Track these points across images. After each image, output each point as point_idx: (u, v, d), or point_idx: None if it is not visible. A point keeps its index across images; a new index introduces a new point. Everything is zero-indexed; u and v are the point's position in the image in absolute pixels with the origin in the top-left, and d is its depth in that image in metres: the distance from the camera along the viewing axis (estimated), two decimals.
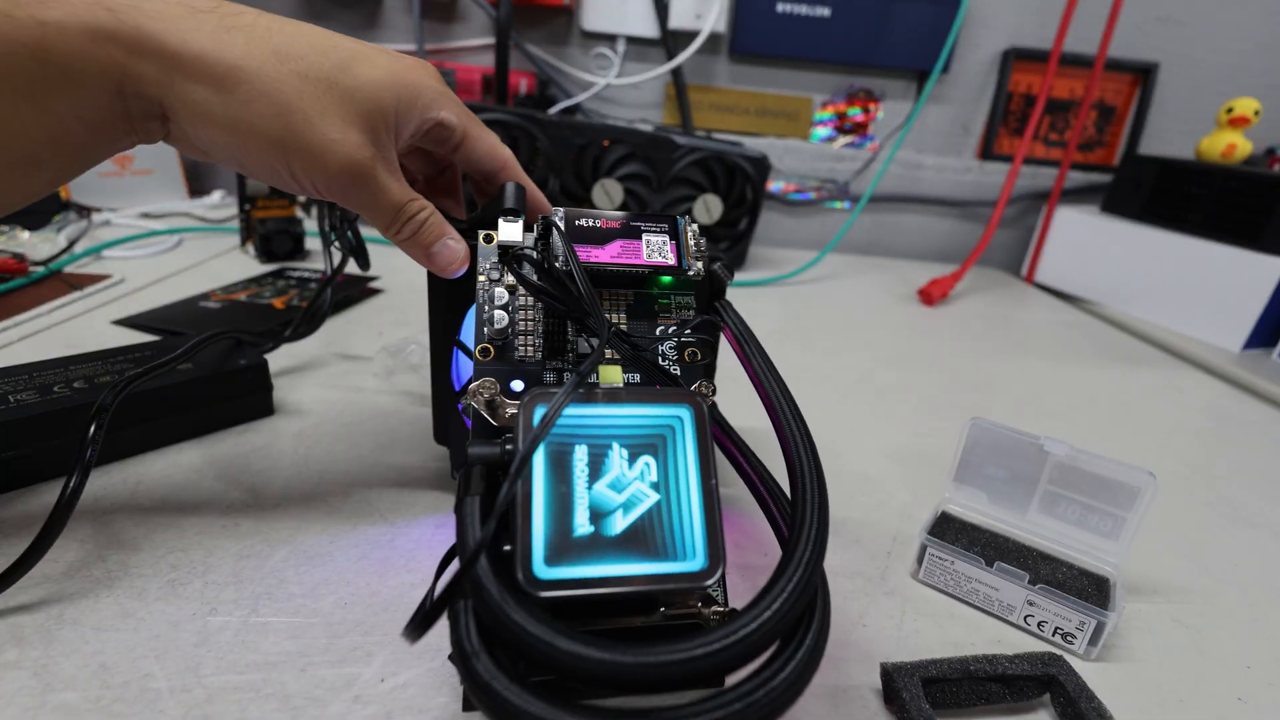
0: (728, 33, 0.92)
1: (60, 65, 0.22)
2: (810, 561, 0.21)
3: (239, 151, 0.26)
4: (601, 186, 0.76)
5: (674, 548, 0.21)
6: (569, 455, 0.22)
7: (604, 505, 0.21)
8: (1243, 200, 0.72)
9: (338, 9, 0.91)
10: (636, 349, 0.26)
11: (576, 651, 0.18)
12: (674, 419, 0.23)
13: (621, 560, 0.21)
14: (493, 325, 0.26)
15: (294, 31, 0.26)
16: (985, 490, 0.34)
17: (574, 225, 0.28)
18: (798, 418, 0.25)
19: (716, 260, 0.30)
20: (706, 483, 0.22)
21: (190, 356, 0.36)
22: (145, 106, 0.24)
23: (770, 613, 0.19)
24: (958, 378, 0.59)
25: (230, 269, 0.66)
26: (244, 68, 0.24)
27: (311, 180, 0.27)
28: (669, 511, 0.22)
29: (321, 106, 0.25)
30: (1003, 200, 0.88)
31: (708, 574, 0.21)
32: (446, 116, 0.29)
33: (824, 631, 0.21)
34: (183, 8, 0.24)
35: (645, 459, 0.22)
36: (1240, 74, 0.93)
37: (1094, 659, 0.29)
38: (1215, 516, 0.42)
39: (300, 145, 0.25)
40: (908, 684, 0.24)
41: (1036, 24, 0.92)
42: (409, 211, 0.28)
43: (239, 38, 0.24)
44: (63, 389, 0.33)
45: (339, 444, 0.39)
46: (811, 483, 0.23)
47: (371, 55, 0.28)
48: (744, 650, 0.19)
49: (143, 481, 0.34)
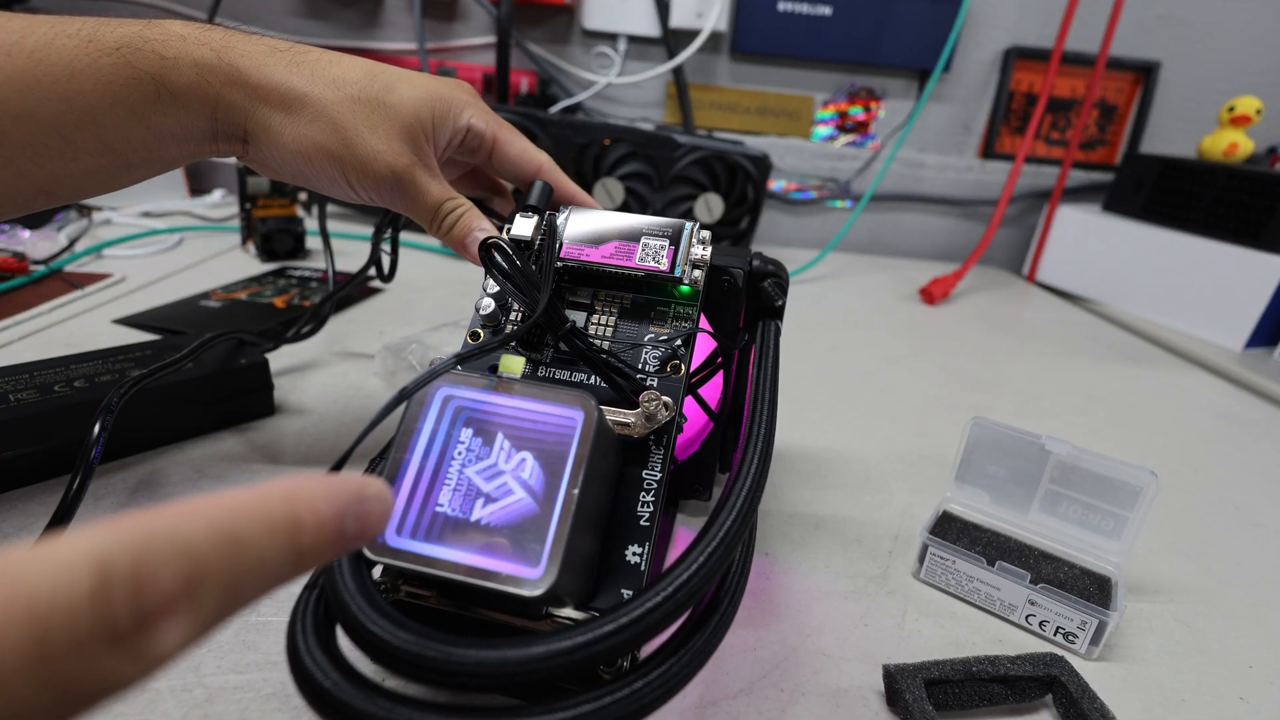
0: (729, 31, 0.91)
1: (172, 92, 0.27)
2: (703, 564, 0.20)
3: (304, 165, 0.30)
4: (602, 185, 0.76)
5: (521, 550, 0.20)
6: (456, 431, 0.22)
7: (471, 489, 0.21)
8: (1245, 199, 0.72)
9: (338, 8, 0.90)
10: (589, 350, 0.25)
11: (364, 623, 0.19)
12: (566, 422, 0.22)
13: (465, 548, 0.20)
14: (480, 311, 0.28)
15: (349, 63, 0.31)
16: (987, 490, 0.34)
17: (577, 223, 0.28)
18: (767, 425, 0.25)
19: (768, 277, 0.30)
20: (569, 491, 0.21)
21: (195, 356, 0.36)
22: (230, 129, 0.29)
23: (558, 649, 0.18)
24: (959, 377, 0.59)
25: (231, 268, 0.66)
26: (308, 94, 0.29)
27: (364, 186, 0.31)
28: (531, 512, 0.21)
29: (371, 123, 0.30)
30: (1004, 199, 0.87)
31: (537, 584, 0.19)
32: (475, 122, 0.33)
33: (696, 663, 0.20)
34: (265, 47, 0.29)
35: (524, 455, 0.22)
36: (1242, 72, 0.93)
37: (1096, 659, 0.29)
38: (1217, 516, 0.42)
39: (352, 156, 0.30)
40: (910, 685, 0.24)
41: (1038, 23, 0.92)
42: (446, 209, 0.32)
43: (305, 70, 0.29)
44: (63, 388, 0.33)
45: (340, 444, 0.39)
46: (746, 486, 0.22)
47: (413, 77, 0.32)
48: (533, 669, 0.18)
49: (143, 481, 0.34)
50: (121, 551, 0.10)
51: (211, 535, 0.11)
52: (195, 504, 0.11)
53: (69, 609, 0.09)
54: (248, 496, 0.12)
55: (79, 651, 0.09)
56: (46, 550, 0.10)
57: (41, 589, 0.09)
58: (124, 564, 0.10)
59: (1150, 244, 0.80)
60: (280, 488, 0.13)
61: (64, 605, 0.09)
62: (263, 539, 0.12)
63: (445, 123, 0.32)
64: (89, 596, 0.09)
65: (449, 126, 0.32)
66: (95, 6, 0.86)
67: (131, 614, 0.10)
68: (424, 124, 0.31)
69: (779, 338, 0.31)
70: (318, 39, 0.91)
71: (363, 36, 0.92)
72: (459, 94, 0.33)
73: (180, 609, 0.10)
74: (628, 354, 0.27)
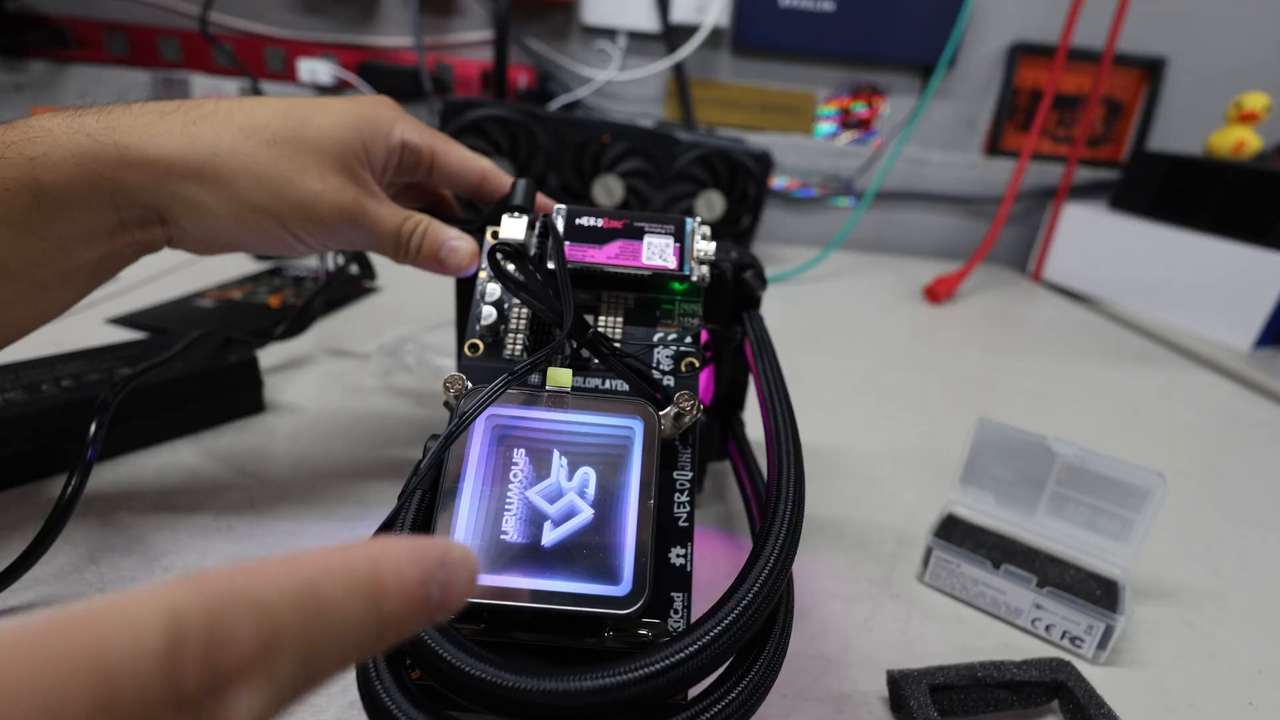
0: (730, 27, 0.91)
1: (52, 194, 0.23)
2: (763, 590, 0.19)
3: (240, 231, 0.27)
4: (602, 182, 0.76)
5: (601, 569, 0.20)
6: (509, 456, 0.21)
7: (536, 514, 0.20)
8: (1253, 197, 0.71)
9: (335, 5, 0.90)
10: (614, 354, 0.25)
11: (459, 665, 0.17)
12: (623, 430, 0.22)
13: (540, 574, 0.19)
14: (480, 321, 0.26)
15: (253, 106, 0.27)
16: (992, 491, 0.34)
17: (574, 224, 0.27)
18: (792, 437, 0.24)
19: (747, 269, 0.30)
20: (644, 504, 0.21)
21: (185, 355, 0.36)
22: (141, 214, 0.26)
23: (685, 655, 0.17)
24: (964, 377, 0.59)
25: (224, 267, 0.65)
26: (217, 151, 0.26)
27: (312, 235, 0.28)
28: (602, 530, 0.20)
29: (298, 165, 0.27)
30: (1009, 197, 0.87)
31: (629, 602, 0.19)
32: (409, 137, 0.31)
33: (779, 655, 0.19)
34: (151, 114, 0.25)
35: (585, 470, 0.21)
36: (1250, 69, 0.92)
37: (1102, 663, 0.28)
38: (1225, 518, 0.41)
39: (290, 207, 0.27)
40: (915, 692, 0.24)
41: (1043, 18, 0.91)
42: (406, 231, 0.30)
43: (205, 128, 0.26)
44: (50, 387, 0.33)
45: (335, 444, 0.38)
46: (788, 503, 0.21)
47: (327, 104, 0.29)
48: (660, 685, 0.17)
49: (135, 482, 0.34)
50: (197, 609, 0.09)
51: (292, 594, 0.10)
52: (275, 562, 0.11)
53: (138, 670, 0.09)
54: (330, 555, 0.11)
55: (144, 717, 0.09)
56: (119, 604, 0.09)
57: (111, 646, 0.08)
58: (199, 623, 0.09)
59: (1157, 242, 0.79)
60: (364, 548, 0.12)
61: (133, 666, 0.08)
62: (344, 601, 0.11)
63: (377, 144, 0.29)
64: (160, 657, 0.09)
65: (382, 147, 0.30)
66: (100, 3, 0.86)
67: (202, 677, 0.09)
68: (354, 150, 0.28)
69: (765, 326, 0.30)
70: (314, 35, 0.90)
71: (359, 32, 0.91)
72: (383, 111, 0.30)
73: (255, 676, 0.10)
74: (643, 355, 0.27)
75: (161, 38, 0.89)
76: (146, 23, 0.89)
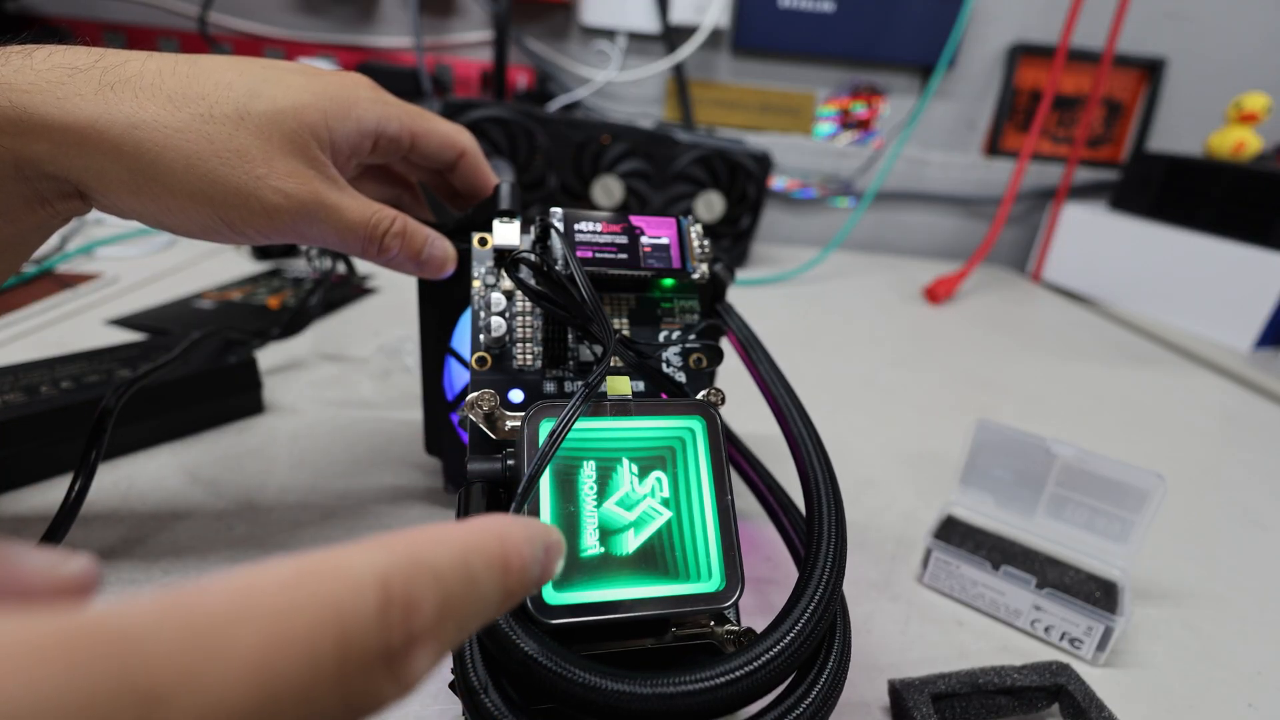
0: (730, 27, 0.91)
1: None
2: (830, 581, 0.20)
3: (164, 217, 0.23)
4: (601, 183, 0.76)
5: (688, 567, 0.20)
6: (576, 473, 0.21)
7: (613, 524, 0.20)
8: (1253, 197, 0.71)
9: (334, 5, 0.90)
10: (642, 356, 0.25)
11: (592, 684, 0.17)
12: (685, 431, 0.22)
13: (633, 582, 0.20)
14: (490, 333, 0.25)
15: (189, 71, 0.23)
16: (991, 493, 0.34)
17: (572, 227, 0.26)
18: (810, 429, 0.24)
19: (717, 260, 0.30)
20: (722, 498, 0.21)
21: (185, 356, 0.36)
22: (55, 186, 0.22)
23: (793, 635, 0.18)
24: (964, 378, 0.59)
25: (224, 268, 0.65)
26: (137, 125, 0.21)
27: (252, 227, 0.24)
28: (682, 529, 0.21)
29: (237, 145, 0.23)
30: (1009, 197, 0.87)
31: (725, 595, 0.20)
32: (387, 127, 0.27)
33: (845, 656, 0.20)
34: (60, 70, 0.21)
35: (656, 474, 0.21)
36: (1250, 69, 0.92)
37: (1102, 664, 0.28)
38: (1225, 519, 0.41)
39: (225, 193, 0.23)
40: (917, 702, 0.24)
41: (1043, 18, 0.91)
42: (380, 227, 0.26)
43: (125, 93, 0.22)
44: (49, 389, 0.33)
45: (334, 447, 0.38)
46: (828, 498, 0.22)
47: (283, 76, 0.24)
48: (767, 677, 0.18)
49: (134, 484, 0.34)
50: (398, 575, 0.10)
51: (455, 566, 0.11)
52: (433, 533, 0.11)
53: (363, 625, 0.09)
54: (470, 532, 0.12)
55: (365, 668, 0.09)
56: (337, 564, 0.10)
57: (345, 603, 0.09)
58: (400, 587, 0.10)
59: (1157, 243, 0.79)
60: (493, 528, 0.13)
61: (359, 622, 0.09)
62: (485, 574, 0.12)
63: (344, 126, 0.25)
64: (377, 615, 0.10)
65: (351, 130, 0.25)
66: (99, 4, 0.86)
67: (403, 637, 0.10)
68: (314, 130, 0.24)
69: (742, 318, 0.30)
70: (314, 35, 0.90)
71: (358, 32, 0.91)
72: (356, 90, 0.26)
73: (430, 639, 0.10)
74: (657, 354, 0.27)
75: (161, 38, 0.89)
76: (146, 23, 0.89)
